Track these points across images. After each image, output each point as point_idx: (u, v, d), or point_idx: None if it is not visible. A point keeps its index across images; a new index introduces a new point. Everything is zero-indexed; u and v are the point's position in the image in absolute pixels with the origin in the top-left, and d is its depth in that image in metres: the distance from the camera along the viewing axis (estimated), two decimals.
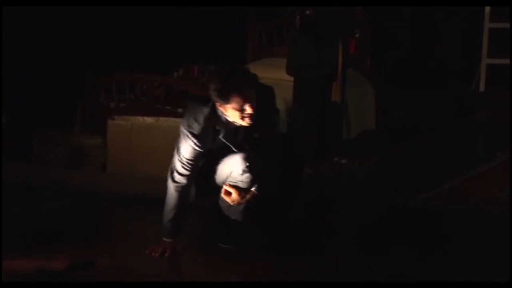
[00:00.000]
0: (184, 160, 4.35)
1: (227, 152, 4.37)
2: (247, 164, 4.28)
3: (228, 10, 7.84)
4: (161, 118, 5.88)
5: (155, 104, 6.01)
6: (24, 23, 7.09)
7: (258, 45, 7.55)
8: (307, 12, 5.72)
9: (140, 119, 5.94)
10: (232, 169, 4.31)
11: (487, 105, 8.11)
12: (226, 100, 4.15)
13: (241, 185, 4.33)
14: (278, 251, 4.49)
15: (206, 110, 4.28)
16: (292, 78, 6.08)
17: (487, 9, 8.43)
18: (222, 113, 4.25)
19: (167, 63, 7.03)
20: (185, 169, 4.36)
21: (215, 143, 4.34)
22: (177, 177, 4.38)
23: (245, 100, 4.15)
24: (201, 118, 4.27)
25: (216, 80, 4.16)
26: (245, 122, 4.22)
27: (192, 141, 4.29)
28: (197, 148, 4.30)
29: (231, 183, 4.34)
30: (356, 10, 6.00)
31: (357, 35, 6.13)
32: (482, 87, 8.56)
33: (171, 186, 4.41)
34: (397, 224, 5.01)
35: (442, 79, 8.82)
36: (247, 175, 4.29)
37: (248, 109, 4.16)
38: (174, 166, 4.40)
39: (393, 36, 9.00)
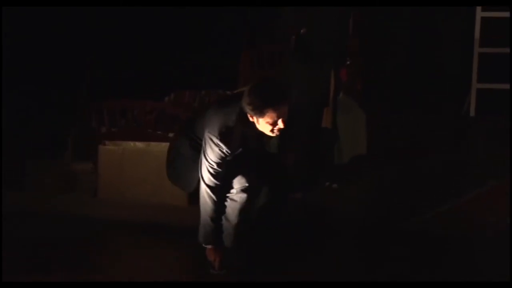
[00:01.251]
0: (213, 164, 4.34)
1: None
2: (247, 185, 4.32)
3: (220, 36, 7.87)
4: (153, 143, 5.91)
5: (147, 129, 6.03)
6: (14, 50, 7.10)
7: (249, 69, 7.58)
8: (301, 32, 5.79)
9: (131, 144, 5.98)
10: (234, 185, 4.36)
11: (479, 130, 8.06)
12: (260, 115, 4.21)
13: (233, 204, 4.35)
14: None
15: (234, 116, 4.31)
16: None
17: (477, 34, 8.48)
18: (253, 123, 4.29)
19: (158, 88, 7.05)
20: (215, 171, 4.34)
21: (242, 146, 4.37)
22: (209, 179, 4.36)
23: (278, 116, 4.21)
24: (230, 124, 4.30)
25: (252, 95, 4.20)
26: (274, 134, 4.29)
27: (222, 147, 4.30)
28: (226, 152, 4.32)
29: (228, 200, 4.38)
30: (348, 37, 6.06)
31: (348, 63, 6.17)
32: (472, 112, 8.58)
33: (204, 192, 4.39)
34: (391, 249, 5.00)
35: (436, 104, 8.85)
36: (243, 195, 4.33)
37: (280, 124, 4.23)
38: (205, 172, 4.38)
39: (388, 56, 9.04)
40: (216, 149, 4.31)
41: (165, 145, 5.74)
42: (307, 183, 6.08)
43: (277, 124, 4.24)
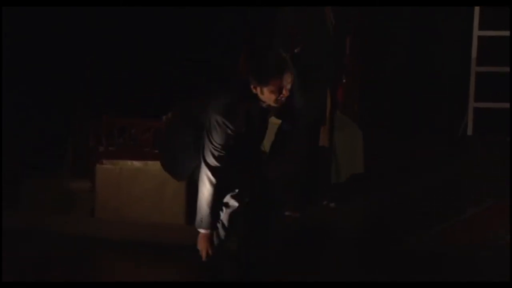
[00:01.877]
0: (218, 146, 4.27)
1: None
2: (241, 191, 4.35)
3: (215, 57, 7.89)
4: (150, 162, 5.91)
5: (144, 148, 6.03)
6: (10, 68, 7.12)
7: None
8: (296, 51, 5.80)
9: (129, 163, 5.99)
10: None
11: (476, 149, 8.12)
12: (265, 82, 4.19)
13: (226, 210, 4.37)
14: None
15: (237, 93, 4.29)
16: (279, 121, 6.09)
17: (474, 53, 8.52)
18: (255, 96, 4.26)
19: (156, 106, 7.06)
20: (219, 152, 4.28)
21: (247, 125, 4.32)
22: (213, 162, 4.29)
23: (283, 83, 4.20)
24: (234, 101, 4.26)
25: (256, 62, 4.23)
26: (278, 104, 4.26)
27: (228, 125, 4.24)
28: (231, 132, 4.25)
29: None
30: (344, 57, 6.16)
31: (344, 80, 6.21)
32: (470, 131, 8.61)
33: (205, 175, 4.31)
34: (390, 268, 5.01)
35: (434, 123, 8.87)
36: (232, 201, 4.35)
37: (285, 92, 4.21)
38: (208, 155, 4.30)
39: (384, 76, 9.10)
40: (221, 129, 4.25)
41: None
42: (305, 202, 6.10)
43: (282, 93, 4.21)
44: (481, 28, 8.53)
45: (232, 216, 4.40)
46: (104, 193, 5.97)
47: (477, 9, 8.46)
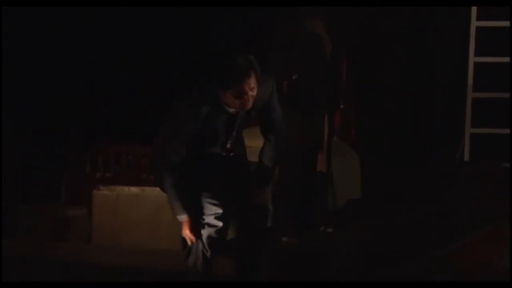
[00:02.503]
0: (176, 142, 4.26)
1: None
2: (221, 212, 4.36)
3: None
4: (147, 188, 5.96)
5: (141, 174, 6.07)
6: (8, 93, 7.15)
7: None
8: (293, 77, 5.84)
9: (125, 189, 6.02)
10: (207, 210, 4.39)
11: (473, 174, 8.00)
12: (226, 86, 4.13)
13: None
14: None
15: (199, 96, 4.25)
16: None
17: (470, 80, 8.54)
18: (220, 100, 4.20)
19: (152, 133, 7.09)
20: (176, 147, 4.27)
21: (209, 131, 4.29)
22: (170, 158, 4.27)
23: (245, 88, 4.13)
24: (198, 101, 4.22)
25: (217, 66, 4.17)
26: (244, 108, 4.19)
27: (186, 126, 4.22)
28: (188, 131, 4.23)
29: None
30: (341, 82, 6.16)
31: (342, 106, 6.26)
32: (466, 157, 8.62)
33: (163, 170, 4.31)
34: None
35: (430, 148, 8.89)
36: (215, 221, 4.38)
37: (248, 96, 4.15)
38: (164, 151, 4.31)
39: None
40: (180, 127, 4.22)
41: (159, 190, 5.77)
42: (302, 228, 6.11)
43: (245, 97, 4.13)
44: (476, 54, 8.60)
45: (212, 236, 4.39)
46: (100, 219, 6.00)
47: (472, 39, 8.56)
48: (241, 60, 4.17)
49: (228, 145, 4.38)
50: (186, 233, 4.40)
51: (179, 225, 5.17)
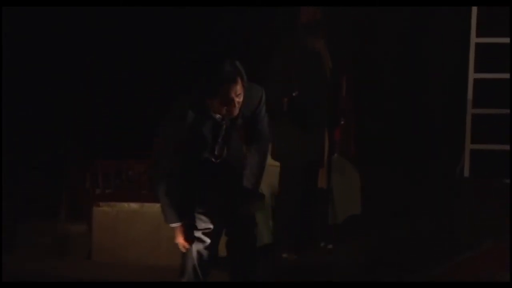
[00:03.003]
0: (166, 149, 4.31)
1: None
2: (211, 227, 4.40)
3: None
4: (146, 204, 5.98)
5: (141, 190, 6.07)
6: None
7: None
8: (294, 94, 5.84)
9: (125, 205, 6.02)
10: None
11: (473, 190, 8.03)
12: (212, 93, 4.17)
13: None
14: None
15: (190, 103, 4.28)
16: (277, 163, 6.13)
17: (470, 95, 8.56)
18: (207, 106, 4.25)
19: (151, 149, 7.11)
20: (167, 156, 4.31)
21: (197, 137, 4.32)
22: (162, 165, 4.33)
23: (230, 93, 4.17)
24: (186, 109, 4.27)
25: (204, 73, 4.20)
26: (230, 115, 4.24)
27: (175, 133, 4.26)
28: (178, 139, 4.27)
29: None
30: (341, 98, 6.16)
31: (342, 123, 6.27)
32: (466, 173, 8.62)
33: (156, 177, 4.40)
34: None
35: (430, 165, 8.89)
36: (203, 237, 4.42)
37: (233, 103, 4.18)
38: (156, 159, 4.39)
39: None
40: (170, 133, 4.27)
41: (159, 206, 5.80)
42: (302, 244, 6.10)
43: (231, 104, 4.17)
44: (476, 71, 8.62)
45: (200, 251, 4.44)
46: (100, 235, 6.01)
47: (472, 52, 8.58)
48: (227, 66, 4.20)
49: (216, 151, 4.40)
50: (180, 240, 4.43)
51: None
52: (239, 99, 4.20)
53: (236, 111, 4.23)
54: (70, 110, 7.50)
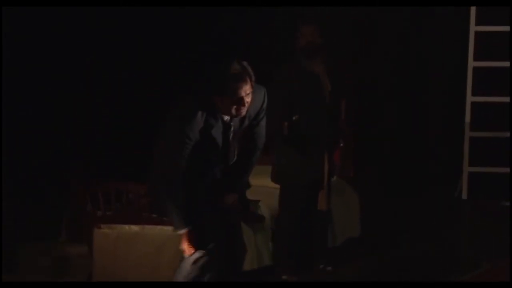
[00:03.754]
0: (175, 153, 4.32)
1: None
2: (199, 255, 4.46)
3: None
4: (147, 226, 5.95)
5: (141, 213, 6.06)
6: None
7: None
8: (294, 118, 5.89)
9: (126, 227, 6.01)
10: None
11: (471, 212, 8.26)
12: (222, 92, 4.23)
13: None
14: None
15: (198, 103, 4.32)
16: (277, 185, 6.19)
17: (468, 118, 8.64)
18: (215, 106, 4.30)
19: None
20: (175, 159, 4.33)
21: (205, 139, 4.35)
22: (169, 169, 4.34)
23: (241, 93, 4.24)
24: (194, 111, 4.30)
25: (214, 71, 4.26)
26: (239, 114, 4.30)
27: (185, 134, 4.28)
28: (188, 141, 4.29)
29: None
30: (340, 121, 6.23)
31: (341, 145, 6.34)
32: (464, 195, 8.68)
33: (163, 187, 4.38)
34: None
35: (428, 187, 8.96)
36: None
37: (243, 102, 4.25)
38: (163, 164, 4.36)
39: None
40: (179, 136, 4.28)
41: (160, 229, 5.84)
42: (302, 266, 6.15)
43: (240, 103, 4.25)
44: (474, 94, 8.68)
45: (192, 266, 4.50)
46: (101, 257, 5.98)
47: (470, 76, 8.64)
48: (237, 66, 4.28)
49: (228, 156, 4.47)
50: (185, 245, 4.46)
51: (179, 264, 5.25)
52: (248, 99, 4.27)
53: (244, 111, 4.30)
54: (72, 132, 7.54)
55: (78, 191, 6.39)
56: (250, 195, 6.14)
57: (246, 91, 4.26)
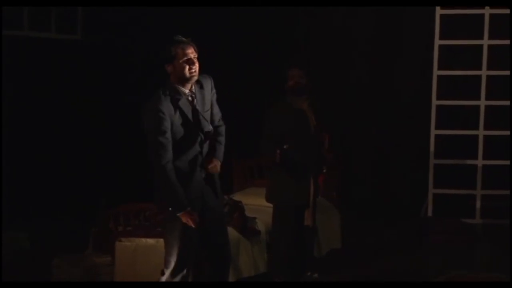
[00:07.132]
0: (161, 135, 4.73)
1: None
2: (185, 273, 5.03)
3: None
4: (161, 240, 6.01)
5: (156, 228, 6.37)
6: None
7: (242, 178, 8.05)
8: (285, 147, 6.15)
9: (143, 240, 6.34)
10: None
11: (438, 230, 8.42)
12: (172, 56, 4.79)
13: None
14: None
15: (161, 88, 4.88)
16: (271, 204, 6.53)
17: (432, 147, 9.00)
18: (173, 82, 4.82)
19: None
20: (165, 143, 4.77)
21: (177, 113, 4.82)
22: (164, 154, 4.76)
23: (188, 53, 4.78)
24: (160, 93, 4.85)
25: (162, 48, 4.84)
26: (194, 74, 4.82)
27: (162, 113, 4.74)
28: (164, 117, 4.74)
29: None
30: (324, 151, 6.55)
31: (325, 171, 6.61)
32: (430, 213, 9.03)
33: (163, 167, 4.79)
34: None
35: (399, 208, 9.25)
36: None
37: (193, 61, 4.79)
38: (157, 149, 4.78)
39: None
40: (158, 117, 4.72)
41: None
42: (292, 273, 6.44)
43: (191, 61, 4.78)
44: (437, 127, 9.03)
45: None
46: (122, 266, 6.31)
47: (433, 112, 8.99)
48: (178, 37, 4.90)
49: (204, 128, 5.00)
50: (186, 220, 4.90)
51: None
52: (196, 61, 4.81)
53: (197, 71, 4.80)
54: (100, 162, 7.94)
55: (103, 211, 6.79)
56: (248, 212, 6.58)
57: (193, 53, 4.82)
